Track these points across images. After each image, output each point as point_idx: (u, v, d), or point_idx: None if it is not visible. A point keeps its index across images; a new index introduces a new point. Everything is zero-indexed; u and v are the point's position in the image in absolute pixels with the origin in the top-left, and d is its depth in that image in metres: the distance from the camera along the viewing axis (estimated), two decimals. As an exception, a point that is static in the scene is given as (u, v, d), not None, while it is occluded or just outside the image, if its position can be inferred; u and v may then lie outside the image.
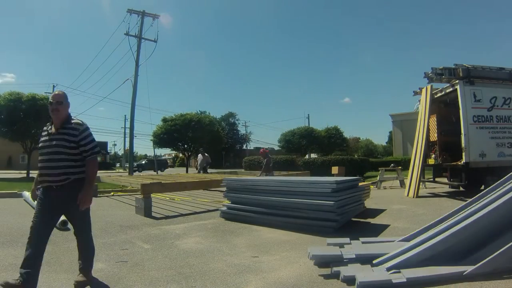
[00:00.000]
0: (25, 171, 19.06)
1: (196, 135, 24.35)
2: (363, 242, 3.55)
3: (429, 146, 10.13)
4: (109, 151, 54.85)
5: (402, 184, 10.95)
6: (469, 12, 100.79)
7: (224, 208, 5.88)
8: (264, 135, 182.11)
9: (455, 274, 2.57)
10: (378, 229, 4.82)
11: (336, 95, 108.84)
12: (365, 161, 21.34)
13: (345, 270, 2.77)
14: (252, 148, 55.08)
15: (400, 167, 11.82)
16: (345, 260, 3.00)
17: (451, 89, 8.64)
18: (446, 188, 10.12)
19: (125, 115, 37.03)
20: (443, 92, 9.12)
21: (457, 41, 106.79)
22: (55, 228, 4.82)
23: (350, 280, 2.61)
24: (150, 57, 37.81)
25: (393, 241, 3.62)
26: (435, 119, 9.85)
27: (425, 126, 9.23)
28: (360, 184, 6.07)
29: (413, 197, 8.42)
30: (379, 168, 12.46)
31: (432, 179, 9.90)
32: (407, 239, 3.42)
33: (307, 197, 4.76)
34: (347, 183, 5.15)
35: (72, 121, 2.63)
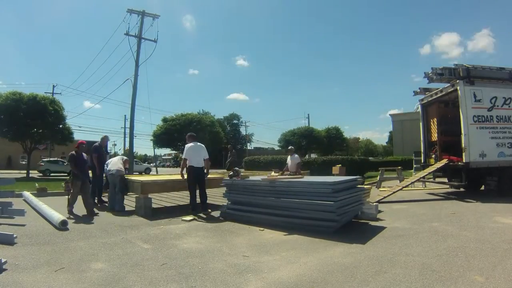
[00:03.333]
0: (25, 171, 19.05)
1: (197, 135, 24.36)
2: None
3: (430, 146, 10.13)
4: (109, 151, 54.82)
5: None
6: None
7: (224, 208, 5.87)
8: (264, 135, 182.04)
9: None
10: (378, 229, 4.82)
11: (337, 95, 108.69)
12: (365, 161, 21.32)
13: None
14: (252, 148, 55.16)
15: (400, 167, 11.79)
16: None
17: (451, 89, 8.63)
18: (447, 188, 10.12)
19: (125, 115, 37.03)
20: (443, 92, 9.11)
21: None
22: (55, 228, 4.85)
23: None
24: (151, 56, 37.71)
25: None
26: (435, 120, 9.85)
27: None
28: (361, 185, 6.04)
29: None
30: (379, 168, 12.44)
31: (432, 179, 9.89)
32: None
33: (307, 197, 4.76)
34: (347, 183, 5.14)
35: None
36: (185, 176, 6.28)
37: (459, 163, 8.26)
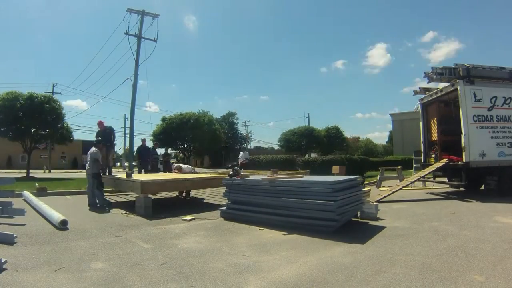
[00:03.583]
0: (25, 171, 19.05)
1: (195, 134, 24.32)
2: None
3: (430, 145, 10.14)
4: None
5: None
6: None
7: (224, 208, 5.88)
8: (264, 134, 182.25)
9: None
10: (377, 229, 4.82)
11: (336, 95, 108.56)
12: (365, 161, 21.32)
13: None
14: (252, 148, 55.13)
15: (400, 167, 11.79)
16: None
17: (451, 88, 8.64)
18: (447, 188, 10.12)
19: (125, 115, 37.08)
20: (443, 92, 9.11)
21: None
22: (55, 228, 4.85)
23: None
24: (151, 56, 37.70)
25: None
26: (435, 119, 9.86)
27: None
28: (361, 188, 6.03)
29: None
30: (379, 168, 12.44)
31: (432, 179, 9.89)
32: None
33: (307, 197, 4.76)
34: (347, 183, 5.14)
35: None
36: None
37: (459, 162, 8.26)
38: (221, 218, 5.73)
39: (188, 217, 5.73)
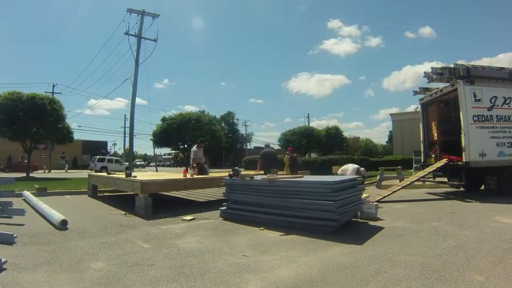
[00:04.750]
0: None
1: (195, 134, 24.31)
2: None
3: (430, 145, 10.14)
4: (109, 150, 54.82)
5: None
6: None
7: (224, 208, 5.87)
8: (264, 134, 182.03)
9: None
10: (377, 229, 4.82)
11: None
12: (365, 161, 21.32)
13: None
14: (252, 148, 55.12)
15: (400, 167, 11.79)
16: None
17: (451, 88, 8.64)
18: (446, 188, 10.12)
19: (125, 115, 37.10)
20: (443, 92, 9.11)
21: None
22: (54, 228, 4.85)
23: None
24: (151, 56, 37.68)
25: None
26: (435, 119, 9.86)
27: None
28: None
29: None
30: (379, 168, 12.45)
31: (432, 179, 9.89)
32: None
33: (307, 197, 4.76)
34: (346, 183, 5.14)
35: None
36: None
37: (459, 162, 8.26)
38: (221, 218, 5.73)
39: (188, 217, 5.73)
